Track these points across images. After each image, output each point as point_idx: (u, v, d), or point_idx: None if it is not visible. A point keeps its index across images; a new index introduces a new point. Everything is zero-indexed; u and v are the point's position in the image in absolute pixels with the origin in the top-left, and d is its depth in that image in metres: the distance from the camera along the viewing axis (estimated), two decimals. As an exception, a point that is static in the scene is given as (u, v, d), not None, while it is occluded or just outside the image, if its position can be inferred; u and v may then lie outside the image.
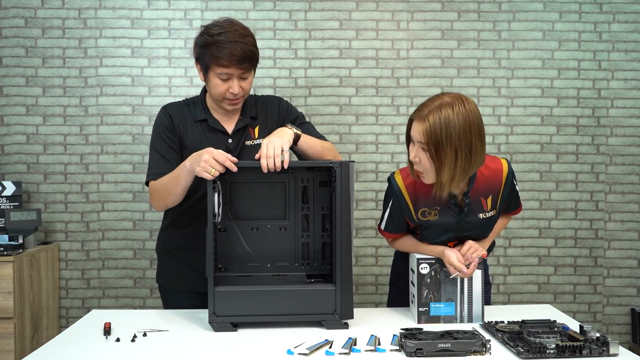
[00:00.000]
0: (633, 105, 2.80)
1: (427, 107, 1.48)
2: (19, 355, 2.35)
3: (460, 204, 1.61)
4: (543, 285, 2.81)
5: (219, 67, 1.67)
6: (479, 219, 1.63)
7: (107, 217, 2.72)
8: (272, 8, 2.72)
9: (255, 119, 1.85)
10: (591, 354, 1.30)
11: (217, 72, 1.68)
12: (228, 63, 1.65)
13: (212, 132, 1.80)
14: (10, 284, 2.33)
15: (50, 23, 2.68)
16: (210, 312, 1.50)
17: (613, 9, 2.77)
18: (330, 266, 1.67)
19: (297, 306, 1.53)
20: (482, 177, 1.61)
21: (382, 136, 2.77)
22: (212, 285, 1.51)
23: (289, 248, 1.68)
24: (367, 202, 2.78)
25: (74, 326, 1.57)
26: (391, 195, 1.68)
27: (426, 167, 1.51)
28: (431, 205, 1.62)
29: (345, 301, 1.54)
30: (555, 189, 2.80)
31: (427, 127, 1.45)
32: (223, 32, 1.66)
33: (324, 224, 1.68)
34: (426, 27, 2.76)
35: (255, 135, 1.84)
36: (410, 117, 1.54)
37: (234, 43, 1.65)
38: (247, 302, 1.51)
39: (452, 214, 1.62)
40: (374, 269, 2.80)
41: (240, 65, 1.67)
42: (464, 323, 1.57)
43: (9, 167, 2.69)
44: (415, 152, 1.52)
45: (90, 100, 2.70)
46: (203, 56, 1.69)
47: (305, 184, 1.67)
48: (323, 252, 1.69)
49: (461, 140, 1.45)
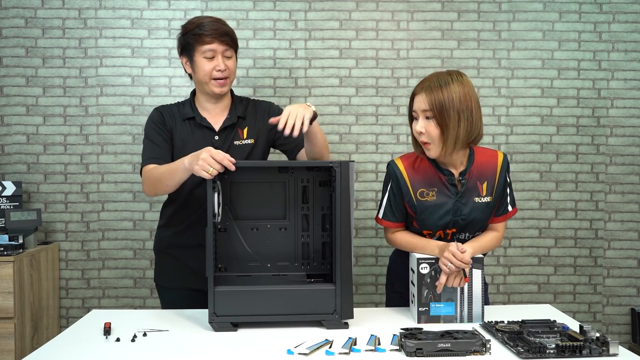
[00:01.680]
0: (633, 105, 2.80)
1: (427, 81, 1.62)
2: (19, 355, 2.35)
3: (457, 184, 1.68)
4: (543, 285, 2.81)
5: (202, 45, 1.78)
6: (475, 202, 1.68)
7: (107, 217, 2.72)
8: (272, 8, 2.72)
9: (244, 119, 1.90)
10: (591, 354, 1.30)
11: (201, 51, 1.79)
12: (211, 39, 1.77)
13: (200, 128, 1.86)
14: (10, 284, 2.33)
15: (50, 23, 2.68)
16: (210, 312, 1.50)
17: (613, 9, 2.77)
18: (330, 266, 1.67)
19: (297, 306, 1.53)
20: (478, 162, 1.70)
21: (382, 136, 2.77)
22: (212, 285, 1.51)
23: (288, 248, 1.68)
24: (367, 202, 2.78)
25: (74, 326, 1.57)
26: (390, 177, 1.73)
27: (432, 135, 1.61)
28: (429, 186, 1.68)
29: (345, 301, 1.54)
30: (555, 189, 2.80)
31: (430, 95, 1.59)
32: (202, 18, 1.82)
33: (324, 224, 1.68)
34: (426, 27, 2.76)
35: (244, 136, 1.89)
36: (412, 94, 1.66)
37: (214, 23, 1.80)
38: (247, 302, 1.51)
39: (449, 195, 1.67)
40: (374, 269, 2.80)
41: (221, 40, 1.78)
42: (464, 323, 1.57)
43: (9, 167, 2.70)
44: (420, 123, 1.62)
45: (90, 100, 2.70)
46: (187, 41, 1.81)
47: (305, 184, 1.67)
48: (323, 252, 1.69)
49: (462, 103, 1.58)
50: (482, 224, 1.71)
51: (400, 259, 1.81)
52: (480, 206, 1.68)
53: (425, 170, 1.69)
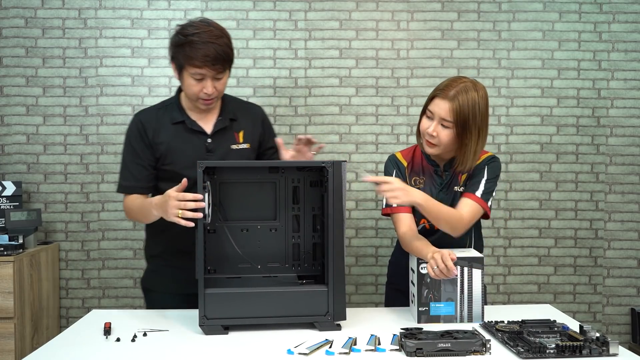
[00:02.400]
0: (633, 105, 2.80)
1: (453, 88, 1.61)
2: (19, 355, 2.35)
3: (442, 175, 1.77)
4: (543, 285, 2.81)
5: (192, 68, 1.66)
6: (454, 191, 1.76)
7: (107, 217, 2.72)
8: (272, 8, 2.72)
9: (236, 121, 1.85)
10: (591, 354, 1.30)
11: (190, 72, 1.68)
12: (201, 64, 1.65)
13: (191, 133, 1.79)
14: (11, 284, 2.33)
15: (50, 23, 2.68)
16: (200, 315, 1.48)
17: (613, 9, 2.77)
18: (322, 267, 1.65)
19: (289, 308, 1.51)
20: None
21: (382, 136, 2.77)
22: (202, 287, 1.48)
23: (279, 249, 1.65)
24: (367, 202, 2.78)
25: (74, 326, 1.57)
26: (392, 166, 1.81)
27: (443, 141, 1.65)
28: (420, 175, 1.79)
29: (338, 302, 1.52)
30: (555, 189, 2.80)
31: (456, 107, 1.60)
32: (197, 33, 1.66)
33: (315, 225, 1.66)
34: (426, 27, 2.76)
35: (240, 140, 1.84)
36: (433, 94, 1.66)
37: (208, 44, 1.64)
38: (238, 305, 1.49)
39: (434, 185, 1.77)
40: (374, 269, 2.80)
41: (213, 66, 1.66)
42: (464, 323, 1.57)
43: (9, 167, 2.69)
44: (434, 127, 1.64)
45: (90, 100, 2.70)
46: (177, 55, 1.70)
47: (295, 184, 1.64)
48: (314, 252, 1.67)
49: (482, 121, 1.63)
50: None
51: (403, 256, 1.81)
52: (458, 195, 1.75)
53: (419, 160, 1.81)
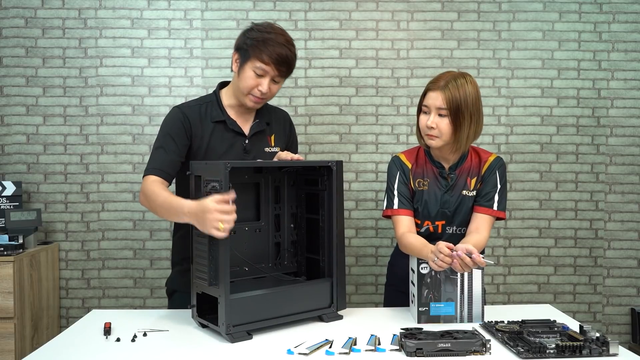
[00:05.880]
0: (633, 105, 2.80)
1: (442, 79, 1.70)
2: (19, 355, 2.35)
3: (447, 178, 1.78)
4: (543, 285, 2.81)
5: (258, 61, 1.71)
6: (463, 195, 1.77)
7: (107, 217, 2.72)
8: (272, 8, 2.72)
9: (270, 125, 1.89)
10: (591, 354, 1.30)
11: (255, 65, 1.72)
12: (268, 60, 1.70)
13: (230, 132, 1.81)
14: (11, 284, 2.33)
15: (50, 23, 2.68)
16: (226, 324, 1.41)
17: (613, 9, 2.77)
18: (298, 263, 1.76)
19: (300, 304, 1.55)
20: (470, 159, 1.80)
21: (382, 136, 2.77)
22: (227, 294, 1.41)
23: (263, 249, 1.71)
24: (367, 202, 2.78)
25: (74, 326, 1.57)
26: (396, 168, 1.82)
27: (443, 131, 1.69)
28: (424, 177, 1.80)
29: (340, 293, 1.62)
30: (555, 189, 2.80)
31: (448, 95, 1.67)
32: (274, 33, 1.73)
33: (297, 222, 1.75)
34: (426, 27, 2.76)
35: (272, 143, 1.88)
36: (425, 90, 1.74)
37: (282, 46, 1.71)
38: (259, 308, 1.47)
39: (439, 187, 1.78)
40: (374, 269, 2.80)
41: (278, 67, 1.72)
42: (464, 323, 1.57)
43: (9, 167, 2.69)
44: (432, 119, 1.70)
45: (90, 100, 2.70)
46: (247, 46, 1.73)
47: (277, 184, 1.72)
48: (295, 250, 1.75)
49: (474, 106, 1.69)
50: (469, 217, 1.78)
51: (403, 257, 1.81)
52: (466, 199, 1.77)
53: (422, 162, 1.82)
